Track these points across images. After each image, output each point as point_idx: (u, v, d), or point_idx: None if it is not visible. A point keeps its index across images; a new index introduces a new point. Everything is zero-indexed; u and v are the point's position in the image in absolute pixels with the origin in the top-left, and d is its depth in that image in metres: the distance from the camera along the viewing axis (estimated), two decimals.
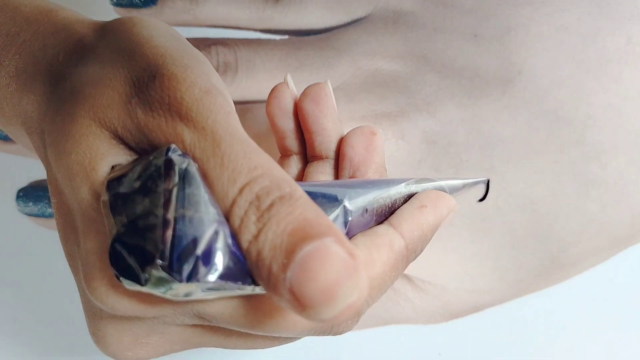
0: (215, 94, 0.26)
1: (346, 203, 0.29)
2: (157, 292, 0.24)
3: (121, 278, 0.25)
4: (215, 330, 0.29)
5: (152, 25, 0.29)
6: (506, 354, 0.44)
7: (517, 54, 0.43)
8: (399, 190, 0.32)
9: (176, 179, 0.25)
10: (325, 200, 0.29)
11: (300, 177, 0.35)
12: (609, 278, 0.44)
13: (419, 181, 0.33)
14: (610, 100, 0.42)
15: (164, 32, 0.29)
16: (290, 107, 0.35)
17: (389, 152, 0.43)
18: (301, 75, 0.44)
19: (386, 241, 0.30)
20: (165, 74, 0.26)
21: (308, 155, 0.35)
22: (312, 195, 0.28)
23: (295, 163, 0.35)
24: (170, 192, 0.25)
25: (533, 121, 0.42)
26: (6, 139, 0.46)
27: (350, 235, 0.30)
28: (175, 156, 0.25)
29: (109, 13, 0.45)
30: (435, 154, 0.42)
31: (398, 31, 0.44)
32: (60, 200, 0.28)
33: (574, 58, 0.43)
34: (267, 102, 0.35)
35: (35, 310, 0.46)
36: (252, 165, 0.25)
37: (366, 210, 0.30)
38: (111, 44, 0.28)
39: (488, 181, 0.42)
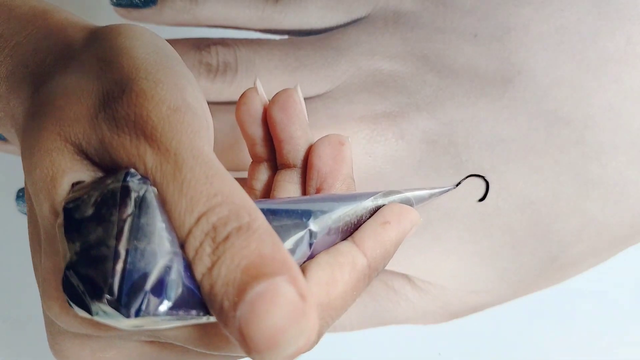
0: (184, 111, 0.26)
1: (311, 225, 0.29)
2: (107, 322, 0.24)
3: (72, 304, 0.24)
4: (172, 347, 0.28)
5: (137, 35, 0.28)
6: (506, 354, 0.44)
7: (517, 54, 0.43)
8: (365, 206, 0.32)
9: (131, 207, 0.24)
10: (290, 221, 0.29)
11: (270, 185, 0.35)
12: (609, 278, 0.44)
13: (386, 194, 0.33)
14: (610, 101, 0.42)
15: (148, 42, 0.28)
16: (259, 113, 0.34)
17: (389, 152, 0.42)
18: (301, 75, 0.43)
19: (349, 260, 0.29)
20: (134, 90, 0.25)
21: (277, 163, 0.35)
22: (277, 214, 0.28)
23: (265, 170, 0.35)
24: (124, 222, 0.24)
25: (533, 121, 0.42)
26: (6, 139, 0.46)
27: (314, 254, 0.30)
28: (133, 182, 0.24)
29: (109, 13, 0.45)
30: (435, 154, 0.42)
31: (398, 31, 0.44)
32: (30, 210, 0.28)
33: (574, 58, 0.43)
34: (236, 109, 0.34)
35: (35, 310, 0.46)
36: (212, 192, 0.24)
37: (331, 229, 0.30)
38: (94, 52, 0.28)
39: (487, 182, 0.42)
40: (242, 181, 0.43)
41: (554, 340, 0.44)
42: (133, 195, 0.24)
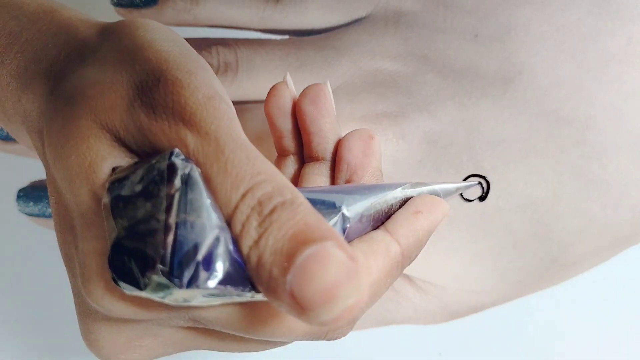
0: (218, 100, 0.26)
1: (344, 210, 0.29)
2: (156, 297, 0.24)
3: (120, 282, 0.25)
4: (209, 333, 0.29)
5: (155, 29, 0.29)
6: (506, 354, 0.45)
7: (518, 54, 0.43)
8: (395, 195, 0.32)
9: (179, 183, 0.25)
10: (324, 207, 0.29)
11: (297, 178, 0.35)
12: (609, 278, 0.44)
13: (414, 185, 0.33)
14: (610, 100, 0.42)
15: (167, 36, 0.29)
16: (288, 107, 0.34)
17: (390, 152, 0.43)
18: (302, 75, 0.44)
19: (383, 247, 0.30)
20: (170, 79, 0.26)
21: (305, 156, 0.35)
22: (311, 202, 0.28)
23: (292, 163, 0.35)
24: (172, 197, 0.24)
25: (534, 121, 0.42)
26: (6, 138, 0.46)
27: (347, 241, 0.30)
28: (178, 160, 0.25)
29: (110, 13, 0.45)
30: (436, 154, 0.42)
31: (398, 31, 0.44)
32: (58, 201, 0.28)
33: (574, 58, 0.43)
34: (266, 101, 0.35)
35: (36, 310, 0.46)
36: (255, 171, 0.25)
37: (363, 216, 0.30)
38: (114, 46, 0.28)
39: (488, 182, 0.42)
40: None
41: (554, 341, 0.44)
42: (179, 172, 0.25)
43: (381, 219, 0.31)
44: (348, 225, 0.29)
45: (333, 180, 0.34)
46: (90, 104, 0.27)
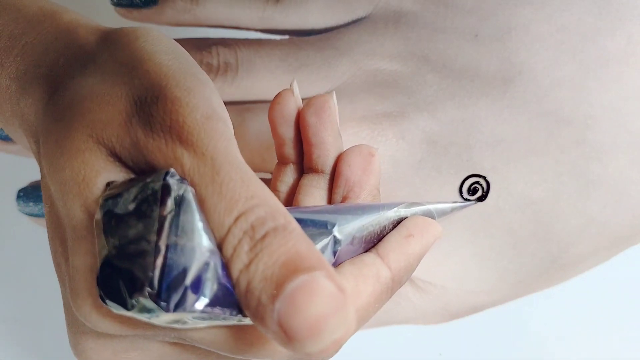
0: (217, 119, 0.26)
1: (335, 232, 0.29)
2: (142, 317, 0.24)
3: (107, 301, 0.25)
4: (194, 350, 0.29)
5: (155, 40, 0.29)
6: (506, 354, 0.44)
7: (518, 54, 0.43)
8: (388, 216, 0.32)
9: (172, 205, 0.25)
10: (315, 228, 0.29)
11: (295, 188, 0.35)
12: (609, 278, 0.44)
13: (409, 206, 0.33)
14: (611, 100, 0.42)
15: (167, 48, 0.28)
16: (292, 115, 0.34)
17: (390, 152, 0.43)
18: (302, 75, 0.44)
19: (373, 272, 0.30)
20: (169, 97, 0.26)
21: (304, 167, 0.35)
22: (302, 223, 0.28)
23: (291, 172, 0.35)
24: (164, 218, 0.24)
25: (534, 121, 0.42)
26: (6, 139, 0.46)
27: (338, 262, 0.30)
28: (173, 181, 0.25)
29: (110, 13, 0.45)
30: (436, 154, 0.42)
31: (399, 31, 0.44)
32: (51, 210, 0.28)
33: (574, 58, 0.43)
34: (270, 107, 0.34)
35: (35, 310, 0.46)
36: (249, 194, 0.25)
37: (355, 237, 0.30)
38: (113, 56, 0.28)
39: (488, 182, 0.42)
40: None
41: (554, 341, 0.44)
42: (173, 193, 0.25)
43: (373, 241, 0.31)
44: (339, 248, 0.29)
45: (330, 194, 0.34)
46: (87, 117, 0.26)
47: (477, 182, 0.42)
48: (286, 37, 0.46)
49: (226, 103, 0.44)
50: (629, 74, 0.42)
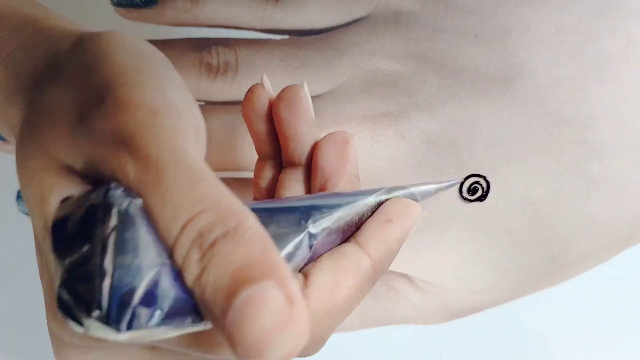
0: (165, 112, 0.25)
1: (310, 228, 0.29)
2: (102, 336, 0.24)
3: (66, 320, 0.24)
4: (174, 354, 0.28)
5: (119, 41, 0.28)
6: (506, 354, 0.44)
7: (518, 54, 0.43)
8: (367, 202, 0.31)
9: (114, 222, 0.24)
10: (287, 223, 0.29)
11: (275, 183, 0.34)
12: (609, 278, 0.44)
13: (389, 191, 0.32)
14: (610, 100, 0.42)
15: (130, 46, 0.28)
16: (265, 109, 0.34)
17: (390, 152, 0.42)
18: (302, 75, 0.43)
19: (353, 263, 0.29)
20: (111, 98, 0.25)
21: (283, 161, 0.34)
22: (274, 218, 0.28)
23: (270, 167, 0.35)
24: (107, 238, 0.24)
25: (533, 121, 0.42)
26: (6, 139, 0.46)
27: (316, 255, 0.30)
28: (115, 196, 0.24)
29: (110, 13, 0.45)
30: (436, 154, 0.42)
31: (398, 31, 0.44)
32: (33, 224, 0.28)
33: (574, 58, 0.43)
34: (243, 104, 0.34)
35: (35, 310, 0.46)
36: (196, 198, 0.24)
37: (332, 229, 0.30)
38: (78, 61, 0.28)
39: (488, 182, 0.42)
40: (246, 181, 0.43)
41: (554, 341, 0.44)
42: (115, 210, 0.24)
43: (352, 229, 0.31)
44: (315, 242, 0.29)
45: (308, 186, 0.34)
46: (40, 134, 0.26)
47: (477, 182, 0.42)
48: (286, 37, 0.45)
49: (226, 103, 0.44)
50: (629, 74, 0.42)
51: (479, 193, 0.42)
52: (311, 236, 0.29)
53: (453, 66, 0.43)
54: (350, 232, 0.31)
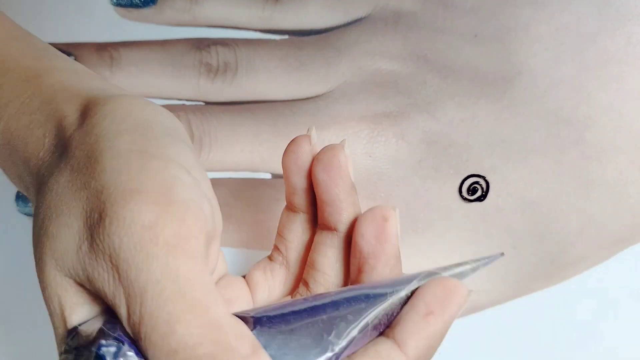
0: (164, 220, 0.24)
1: (334, 345, 0.26)
2: None
3: None
4: None
5: (123, 116, 0.27)
6: (506, 354, 0.44)
7: (517, 54, 0.43)
8: (400, 297, 0.28)
9: None
10: (310, 338, 0.26)
11: (302, 238, 0.33)
12: (609, 278, 0.44)
13: (424, 278, 0.29)
14: (610, 100, 0.42)
15: (135, 123, 0.27)
16: (306, 164, 0.32)
17: (390, 152, 0.42)
18: (302, 75, 0.44)
19: None
20: (109, 215, 0.24)
21: (318, 221, 0.33)
22: (295, 333, 0.26)
23: (300, 222, 0.33)
24: None
25: (533, 121, 0.42)
26: None
27: (349, 353, 0.27)
28: (105, 356, 0.24)
29: (110, 13, 0.45)
30: (436, 154, 0.42)
31: (398, 31, 0.44)
32: None
33: (574, 58, 0.43)
34: (284, 154, 0.32)
35: (35, 310, 0.46)
36: (173, 348, 0.23)
37: (357, 333, 0.27)
38: (83, 141, 0.27)
39: (487, 182, 0.42)
40: (248, 181, 0.43)
41: (554, 340, 0.44)
42: None
43: (385, 323, 0.28)
44: (342, 356, 0.26)
45: (346, 253, 0.31)
46: (51, 246, 0.25)
47: (477, 182, 0.42)
48: (285, 37, 0.46)
49: (226, 103, 0.44)
50: (628, 74, 0.42)
51: (479, 193, 0.42)
52: (337, 356, 0.26)
53: (452, 66, 0.43)
54: (385, 324, 0.28)
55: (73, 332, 0.25)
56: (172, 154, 0.26)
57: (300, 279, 0.33)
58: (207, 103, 0.44)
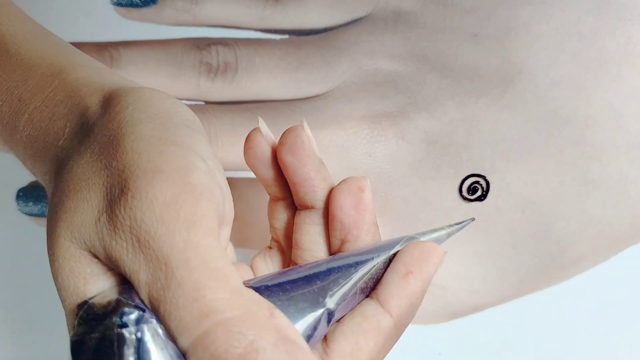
0: (183, 200, 0.25)
1: (328, 304, 0.28)
2: None
3: None
4: None
5: (146, 104, 0.28)
6: (506, 354, 0.44)
7: (517, 54, 0.43)
8: (384, 259, 0.30)
9: (130, 353, 0.24)
10: (306, 302, 0.28)
11: (289, 224, 0.34)
12: (609, 278, 0.44)
13: (403, 244, 0.31)
14: (610, 100, 0.42)
15: (156, 111, 0.28)
16: (267, 155, 0.32)
17: (390, 152, 0.42)
18: (302, 75, 0.44)
19: (374, 324, 0.29)
20: (131, 190, 0.25)
21: (295, 203, 0.33)
22: (293, 300, 0.28)
23: (282, 209, 0.34)
24: None
25: (533, 121, 0.42)
26: None
27: (337, 319, 0.29)
28: (128, 325, 0.25)
29: (110, 13, 0.45)
30: (436, 154, 0.42)
31: (398, 31, 0.44)
32: None
33: (573, 58, 0.43)
34: (244, 152, 0.33)
35: (35, 310, 0.46)
36: (204, 310, 0.24)
37: (349, 294, 0.29)
38: (105, 127, 0.27)
39: (488, 182, 0.42)
40: (249, 181, 0.43)
41: (554, 340, 0.44)
42: (129, 339, 0.24)
43: (370, 286, 0.30)
44: (334, 317, 0.29)
45: (326, 228, 0.32)
46: (67, 218, 0.26)
47: (477, 182, 0.42)
48: (286, 36, 0.46)
49: (226, 103, 0.44)
50: (628, 74, 0.42)
51: (479, 193, 0.42)
52: (330, 313, 0.28)
53: (453, 66, 0.43)
54: (370, 289, 0.30)
55: (84, 305, 0.26)
56: (190, 143, 0.27)
57: None
58: (207, 103, 0.44)
